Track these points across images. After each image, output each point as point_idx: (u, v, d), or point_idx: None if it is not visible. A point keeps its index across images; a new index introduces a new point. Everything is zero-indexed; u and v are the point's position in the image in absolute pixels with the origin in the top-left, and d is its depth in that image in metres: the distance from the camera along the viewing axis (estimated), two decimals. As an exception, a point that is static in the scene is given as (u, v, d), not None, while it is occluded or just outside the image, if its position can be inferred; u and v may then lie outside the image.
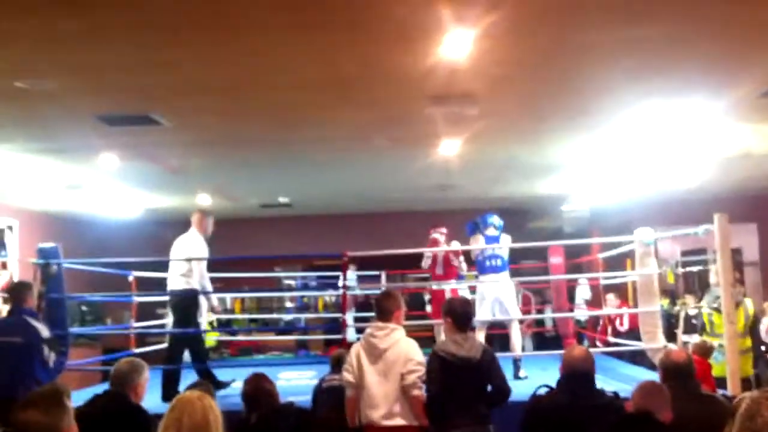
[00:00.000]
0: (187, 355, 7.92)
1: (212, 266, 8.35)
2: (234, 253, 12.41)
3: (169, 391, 7.07)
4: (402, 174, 10.53)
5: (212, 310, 8.60)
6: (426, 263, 9.61)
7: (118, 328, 12.46)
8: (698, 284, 13.21)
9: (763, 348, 9.13)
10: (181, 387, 7.00)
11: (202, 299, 8.03)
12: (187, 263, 7.66)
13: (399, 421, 4.88)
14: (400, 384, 4.89)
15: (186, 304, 7.71)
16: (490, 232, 8.69)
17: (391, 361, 4.94)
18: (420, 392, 4.94)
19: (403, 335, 5.09)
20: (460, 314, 5.16)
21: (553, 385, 4.58)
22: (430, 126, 7.38)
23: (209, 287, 7.91)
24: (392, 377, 4.90)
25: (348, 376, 5.03)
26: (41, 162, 8.76)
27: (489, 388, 5.03)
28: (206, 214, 8.07)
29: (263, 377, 4.64)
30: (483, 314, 8.39)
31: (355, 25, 4.83)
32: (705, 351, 6.83)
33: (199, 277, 7.68)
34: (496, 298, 8.45)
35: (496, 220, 8.73)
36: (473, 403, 4.90)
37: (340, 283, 8.55)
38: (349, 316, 10.42)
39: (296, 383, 8.19)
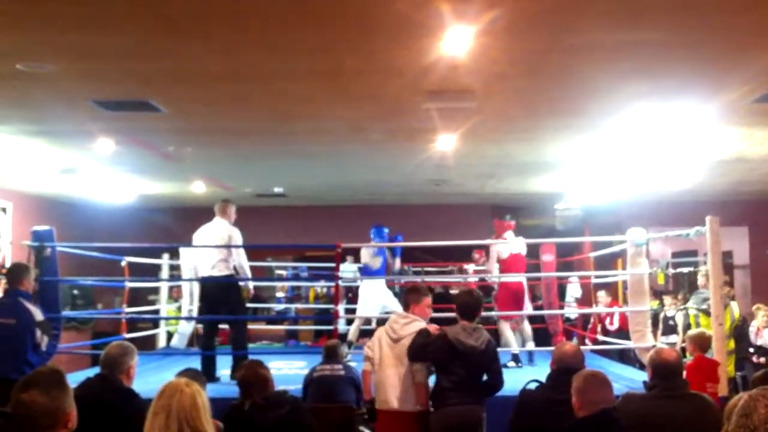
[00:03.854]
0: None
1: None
2: (227, 242, 12.40)
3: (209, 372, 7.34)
4: (397, 168, 10.55)
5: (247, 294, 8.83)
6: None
7: (109, 312, 12.49)
8: (688, 286, 13.32)
9: (751, 350, 9.20)
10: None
11: None
12: (225, 250, 7.77)
13: (407, 406, 5.29)
14: (411, 370, 5.31)
15: (232, 289, 7.93)
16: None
17: (407, 347, 5.31)
18: (421, 380, 5.34)
19: (422, 326, 5.44)
20: (465, 305, 5.45)
21: (542, 380, 4.64)
22: (426, 121, 7.41)
23: (248, 271, 8.03)
24: (406, 362, 5.33)
25: (368, 351, 5.55)
26: (37, 145, 8.75)
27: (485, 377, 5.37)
28: (229, 203, 8.23)
29: (259, 364, 4.67)
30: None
31: (355, 19, 4.84)
32: (703, 342, 6.71)
33: (241, 260, 7.87)
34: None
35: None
36: (468, 387, 5.21)
37: (340, 273, 8.60)
38: (341, 308, 10.45)
39: (286, 373, 8.22)
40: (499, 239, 9.11)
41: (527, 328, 9.11)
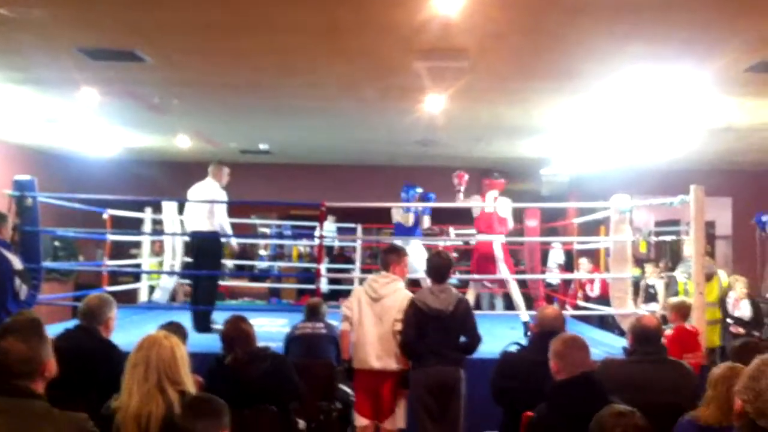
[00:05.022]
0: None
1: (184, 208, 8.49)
2: (211, 198, 12.35)
3: (203, 323, 7.68)
4: (386, 127, 10.49)
5: (232, 251, 8.94)
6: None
7: (91, 265, 12.42)
8: (669, 255, 13.40)
9: (729, 321, 9.28)
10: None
11: None
12: (208, 206, 7.97)
13: (388, 363, 5.32)
14: (392, 329, 5.29)
15: (211, 245, 8.08)
16: None
17: (388, 306, 5.39)
18: None
19: (403, 287, 5.54)
20: (434, 267, 5.50)
21: (524, 343, 4.66)
22: (417, 80, 7.34)
23: (229, 230, 8.23)
24: (386, 322, 5.34)
25: (347, 311, 5.49)
26: (21, 92, 8.61)
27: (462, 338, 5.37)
28: (222, 165, 8.38)
29: (242, 319, 4.67)
30: None
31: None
32: (684, 309, 6.71)
33: (221, 220, 8.03)
34: None
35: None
36: (444, 349, 5.21)
37: (317, 233, 8.55)
38: (323, 267, 10.46)
39: (267, 330, 8.22)
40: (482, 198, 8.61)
41: (514, 294, 8.35)
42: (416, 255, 8.47)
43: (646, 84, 7.41)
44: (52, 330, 3.93)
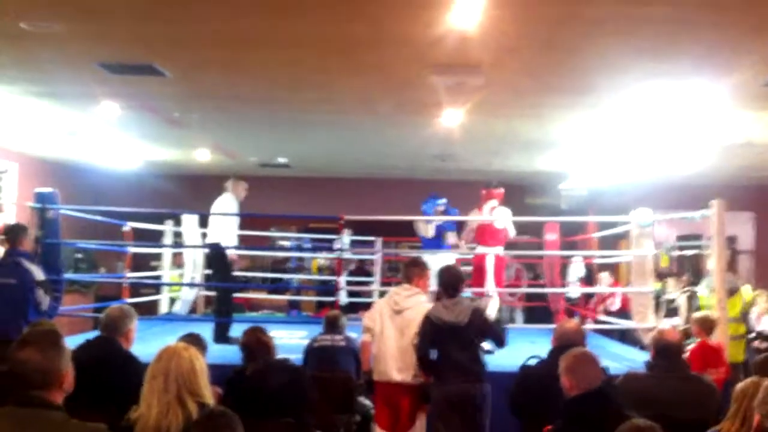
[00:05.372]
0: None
1: (205, 222, 8.55)
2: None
3: (220, 334, 7.76)
4: (403, 141, 10.50)
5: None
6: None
7: (112, 277, 12.50)
8: (691, 269, 13.27)
9: (752, 335, 9.17)
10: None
11: None
12: (221, 221, 8.12)
13: (409, 376, 5.29)
14: (413, 342, 5.26)
15: (222, 257, 8.18)
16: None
17: (409, 319, 5.35)
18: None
19: (425, 300, 5.52)
20: (445, 281, 5.43)
21: (543, 356, 4.63)
22: (433, 94, 7.34)
23: (231, 242, 8.23)
24: (408, 334, 5.31)
25: (368, 322, 5.51)
26: (41, 106, 8.70)
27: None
28: (239, 180, 8.50)
29: (261, 331, 4.67)
30: None
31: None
32: (708, 324, 6.61)
33: (227, 232, 8.15)
34: None
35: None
36: (465, 363, 5.13)
37: (336, 246, 8.52)
38: (342, 280, 10.45)
39: (287, 342, 8.22)
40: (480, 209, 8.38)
41: (492, 308, 8.05)
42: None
43: (663, 99, 7.36)
44: (73, 341, 3.96)
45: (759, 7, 4.91)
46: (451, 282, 5.42)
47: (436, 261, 8.09)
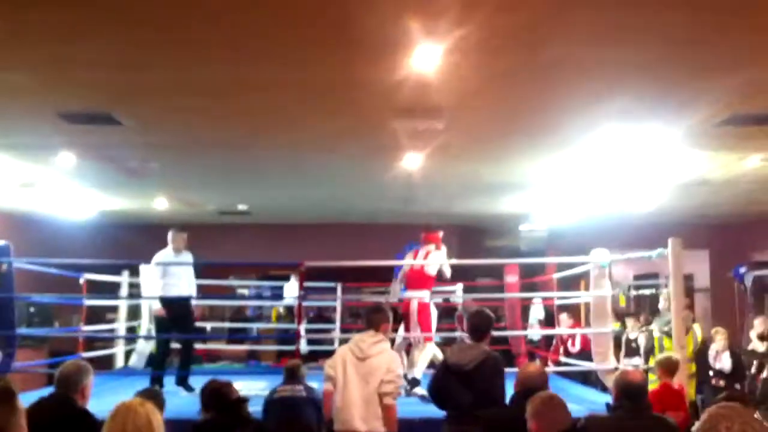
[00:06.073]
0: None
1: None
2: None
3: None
4: (365, 185, 10.52)
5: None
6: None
7: (67, 330, 12.23)
8: (649, 308, 13.42)
9: (710, 373, 9.25)
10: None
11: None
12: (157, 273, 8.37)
13: (373, 425, 5.15)
14: (378, 390, 5.15)
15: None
16: None
17: (374, 367, 5.23)
18: (394, 402, 5.21)
19: (389, 347, 5.49)
20: (469, 325, 5.53)
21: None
22: (395, 138, 7.39)
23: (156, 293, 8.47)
24: (372, 382, 5.19)
25: (330, 371, 5.33)
26: (-4, 158, 8.57)
27: None
28: (178, 231, 8.61)
29: (223, 382, 4.59)
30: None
31: (325, 34, 4.82)
32: (671, 366, 6.66)
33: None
34: None
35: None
36: (470, 407, 4.99)
37: (289, 293, 8.43)
38: (302, 328, 10.35)
39: (246, 393, 8.08)
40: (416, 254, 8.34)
41: (416, 352, 7.94)
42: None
43: (621, 140, 7.50)
44: (28, 398, 3.84)
45: (713, 48, 5.03)
46: (474, 326, 5.43)
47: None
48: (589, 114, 6.60)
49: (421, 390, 7.40)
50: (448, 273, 8.29)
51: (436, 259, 8.18)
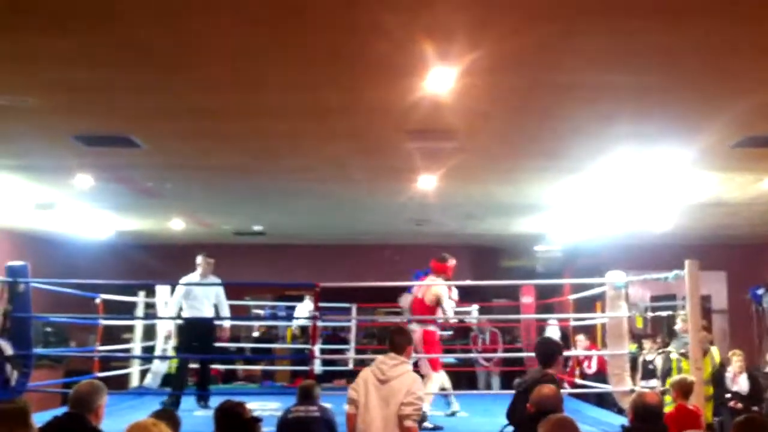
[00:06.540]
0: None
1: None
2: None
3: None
4: (379, 206, 10.53)
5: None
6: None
7: (83, 350, 12.27)
8: (666, 330, 13.31)
9: (728, 395, 9.16)
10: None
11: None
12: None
13: None
14: (398, 413, 5.09)
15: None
16: None
17: (396, 389, 5.17)
18: (414, 424, 5.13)
19: (411, 369, 5.40)
20: (536, 352, 5.61)
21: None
22: (408, 160, 7.42)
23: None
24: (393, 404, 5.13)
25: (353, 393, 5.29)
26: (14, 180, 8.64)
27: None
28: (205, 256, 8.94)
29: (236, 403, 4.58)
30: None
31: (338, 58, 4.86)
32: (686, 387, 6.56)
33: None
34: None
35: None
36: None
37: (301, 314, 8.45)
38: (316, 349, 10.34)
39: (260, 414, 8.07)
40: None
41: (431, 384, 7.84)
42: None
43: (633, 163, 7.49)
44: (42, 418, 3.86)
45: (724, 71, 5.03)
46: (540, 352, 5.52)
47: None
48: (602, 136, 6.59)
49: (430, 423, 7.43)
50: (449, 310, 8.09)
51: (434, 289, 8.05)
